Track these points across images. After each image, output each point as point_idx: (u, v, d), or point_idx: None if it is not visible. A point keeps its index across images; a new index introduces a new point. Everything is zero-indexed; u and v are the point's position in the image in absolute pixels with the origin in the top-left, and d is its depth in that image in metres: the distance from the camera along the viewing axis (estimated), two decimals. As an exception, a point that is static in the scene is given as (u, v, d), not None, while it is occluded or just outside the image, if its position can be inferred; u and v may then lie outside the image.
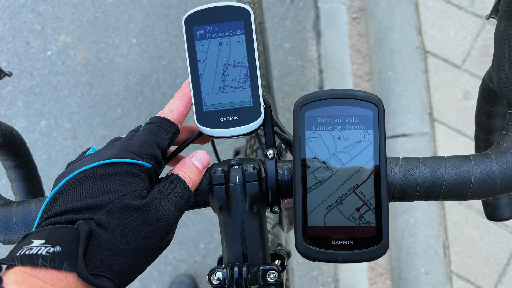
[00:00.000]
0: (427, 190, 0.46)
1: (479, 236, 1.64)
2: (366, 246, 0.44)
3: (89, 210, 0.40)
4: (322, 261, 0.44)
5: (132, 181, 0.42)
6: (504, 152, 0.47)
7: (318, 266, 1.71)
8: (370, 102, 0.45)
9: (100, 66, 1.89)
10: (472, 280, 1.60)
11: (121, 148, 0.45)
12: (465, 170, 0.46)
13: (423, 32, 1.86)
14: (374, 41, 1.90)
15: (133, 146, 0.45)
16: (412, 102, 1.78)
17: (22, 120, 1.85)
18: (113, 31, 1.93)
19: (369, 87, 1.88)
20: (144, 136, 0.46)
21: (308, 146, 0.45)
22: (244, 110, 0.49)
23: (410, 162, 0.47)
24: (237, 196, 0.47)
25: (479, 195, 0.46)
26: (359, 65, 1.92)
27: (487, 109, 0.60)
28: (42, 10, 1.96)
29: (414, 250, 1.66)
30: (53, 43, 1.92)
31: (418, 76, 1.81)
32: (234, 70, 0.50)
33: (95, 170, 0.43)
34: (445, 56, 1.83)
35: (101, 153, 0.45)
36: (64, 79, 1.88)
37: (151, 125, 0.48)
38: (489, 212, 0.65)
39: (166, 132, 0.48)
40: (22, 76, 1.89)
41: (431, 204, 1.68)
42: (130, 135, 0.48)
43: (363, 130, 0.45)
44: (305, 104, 0.46)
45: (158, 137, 0.47)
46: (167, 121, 0.49)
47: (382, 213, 0.44)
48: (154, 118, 0.49)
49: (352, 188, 0.44)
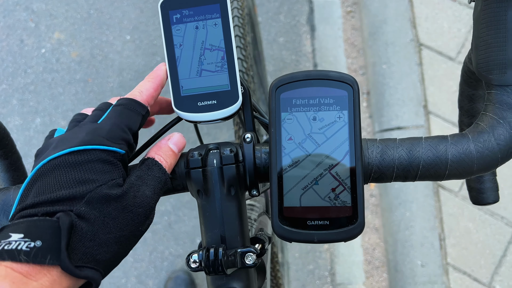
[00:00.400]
0: (404, 171, 0.46)
1: (475, 228, 1.64)
2: (342, 226, 0.43)
3: (66, 201, 0.39)
4: (298, 242, 0.44)
5: (108, 169, 0.42)
6: (481, 131, 0.46)
7: (315, 260, 1.71)
8: (344, 83, 0.45)
9: (95, 63, 1.89)
10: (468, 272, 1.60)
11: (91, 132, 0.43)
12: (442, 150, 0.46)
13: (417, 25, 1.85)
14: (368, 35, 1.89)
15: (104, 130, 0.44)
16: (406, 95, 1.78)
17: (17, 118, 1.85)
18: (107, 28, 1.93)
19: (364, 81, 1.88)
20: (114, 119, 0.45)
21: (283, 128, 0.45)
22: (221, 94, 0.49)
23: (387, 143, 0.47)
24: (214, 180, 0.47)
25: (456, 175, 0.46)
26: (353, 58, 1.91)
27: (469, 92, 0.60)
28: (36, 8, 1.96)
29: (410, 242, 1.66)
30: (47, 41, 1.92)
31: (412, 69, 1.81)
32: (211, 54, 0.50)
33: (67, 158, 0.41)
34: (440, 48, 1.82)
35: (70, 138, 0.43)
36: (59, 76, 1.88)
37: (121, 107, 0.46)
38: (474, 197, 0.65)
39: (136, 114, 0.47)
40: (16, 74, 1.89)
41: (427, 197, 1.68)
42: (95, 115, 0.47)
43: (338, 110, 0.45)
44: (280, 86, 0.46)
45: (128, 120, 0.46)
46: (137, 103, 0.47)
47: (357, 192, 0.44)
48: (123, 100, 0.47)
49: (327, 168, 0.44)
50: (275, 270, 0.95)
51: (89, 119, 0.46)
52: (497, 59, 0.46)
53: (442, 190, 1.68)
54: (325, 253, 1.72)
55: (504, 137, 0.46)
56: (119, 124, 0.45)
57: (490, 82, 0.47)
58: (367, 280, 1.69)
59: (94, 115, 0.47)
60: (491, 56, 0.47)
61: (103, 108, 0.48)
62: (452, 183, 1.68)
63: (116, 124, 0.44)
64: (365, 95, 1.87)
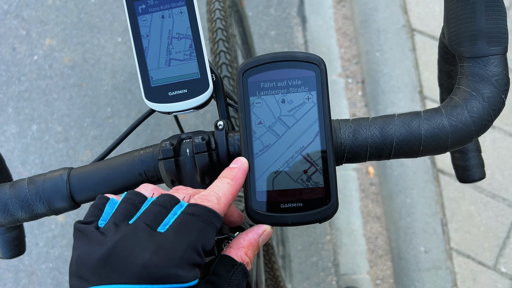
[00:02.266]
0: (378, 149, 0.46)
1: (477, 211, 1.63)
2: (315, 207, 0.43)
3: None
4: (273, 225, 0.43)
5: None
6: (454, 105, 0.46)
7: (317, 251, 1.71)
8: (311, 63, 0.44)
9: (87, 67, 1.89)
10: (472, 256, 1.59)
11: (157, 252, 0.33)
12: (415, 126, 0.45)
13: (409, 10, 1.84)
14: (360, 23, 1.88)
15: (174, 250, 0.33)
16: (401, 81, 1.77)
17: (13, 126, 1.85)
18: (98, 31, 1.93)
19: (358, 69, 1.87)
20: (186, 234, 0.34)
21: (253, 112, 0.45)
22: (192, 83, 0.49)
23: (359, 123, 0.47)
24: (188, 169, 0.47)
25: (431, 151, 0.46)
26: (346, 48, 1.90)
27: (447, 68, 0.59)
28: (26, 15, 1.96)
29: (412, 229, 1.65)
30: (39, 47, 1.92)
31: (406, 55, 1.80)
32: (178, 43, 0.49)
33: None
34: (432, 33, 1.81)
35: (126, 257, 0.32)
36: (53, 82, 1.89)
37: (194, 218, 0.36)
38: (460, 175, 0.65)
39: (212, 229, 0.36)
40: (10, 82, 1.90)
41: (427, 182, 1.67)
42: (157, 214, 0.36)
43: (306, 91, 0.44)
44: (247, 70, 0.45)
45: (204, 237, 0.35)
46: (214, 215, 0.37)
47: (329, 173, 0.43)
48: (196, 208, 0.37)
49: (298, 150, 0.44)
50: (271, 262, 0.94)
51: (148, 219, 0.36)
52: (467, 31, 0.46)
53: (442, 175, 1.67)
54: (328, 244, 1.71)
55: (478, 109, 0.45)
56: (194, 243, 0.34)
57: (461, 54, 0.47)
58: (371, 269, 1.68)
59: (154, 214, 0.36)
60: (461, 29, 0.46)
61: (166, 205, 0.37)
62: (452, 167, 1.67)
63: (190, 243, 0.34)
64: (360, 84, 1.86)
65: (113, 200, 0.39)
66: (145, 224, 0.35)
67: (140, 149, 0.50)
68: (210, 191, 0.40)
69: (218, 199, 0.39)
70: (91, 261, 0.33)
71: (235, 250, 0.40)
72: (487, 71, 0.45)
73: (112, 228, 0.35)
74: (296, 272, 1.68)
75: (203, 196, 0.39)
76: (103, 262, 0.32)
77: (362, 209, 1.74)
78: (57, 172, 0.51)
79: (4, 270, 1.73)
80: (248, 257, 0.40)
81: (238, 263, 0.38)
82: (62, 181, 0.50)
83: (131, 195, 0.39)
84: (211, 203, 0.38)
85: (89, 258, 0.33)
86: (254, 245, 0.41)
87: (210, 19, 0.88)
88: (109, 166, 0.50)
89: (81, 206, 0.51)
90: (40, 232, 1.74)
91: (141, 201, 0.38)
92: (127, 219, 0.36)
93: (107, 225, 0.36)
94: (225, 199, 0.39)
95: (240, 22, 1.42)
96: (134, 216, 0.37)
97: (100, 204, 0.39)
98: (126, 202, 0.38)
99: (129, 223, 0.36)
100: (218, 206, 0.38)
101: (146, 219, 0.36)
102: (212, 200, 0.38)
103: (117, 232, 0.35)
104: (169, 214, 0.36)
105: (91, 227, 0.36)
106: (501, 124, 1.69)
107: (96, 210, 0.38)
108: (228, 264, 0.38)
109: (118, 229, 0.35)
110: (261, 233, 0.42)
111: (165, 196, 0.38)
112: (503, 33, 0.45)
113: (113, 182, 0.49)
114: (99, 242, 0.34)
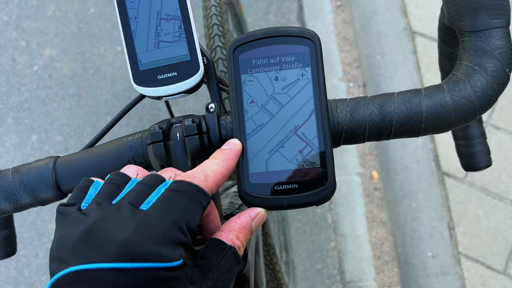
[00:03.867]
0: (377, 128, 0.43)
1: (485, 214, 1.60)
2: (312, 189, 0.41)
3: None
4: (267, 208, 0.41)
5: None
6: (457, 81, 0.44)
7: (322, 258, 1.67)
8: (305, 38, 0.42)
9: (87, 76, 1.89)
10: (481, 260, 1.55)
11: (139, 229, 0.31)
12: (415, 103, 0.43)
13: (409, 13, 1.83)
14: (360, 27, 1.87)
15: (157, 228, 0.31)
16: (403, 84, 1.75)
17: (13, 136, 1.84)
18: (97, 41, 1.93)
19: (359, 73, 1.85)
20: (170, 211, 0.32)
21: (244, 91, 0.43)
22: (181, 65, 0.47)
23: (357, 101, 0.44)
24: (178, 153, 0.45)
25: (434, 129, 0.43)
26: (347, 52, 1.89)
27: (448, 50, 0.57)
28: (26, 26, 1.97)
29: (418, 234, 1.61)
30: (39, 58, 1.92)
31: (407, 58, 1.78)
32: (167, 24, 0.47)
33: (101, 275, 0.29)
34: (433, 35, 1.79)
35: (107, 233, 0.30)
36: (52, 92, 1.88)
37: (178, 194, 0.34)
38: (465, 162, 0.62)
39: (198, 206, 0.34)
40: (10, 93, 1.89)
41: (432, 186, 1.64)
42: (140, 192, 0.34)
43: (300, 68, 0.42)
44: (238, 46, 0.43)
45: (188, 213, 0.33)
46: (200, 192, 0.35)
47: (325, 152, 0.41)
48: (181, 184, 0.34)
49: (293, 129, 0.42)
50: (272, 263, 0.92)
51: (131, 198, 0.34)
52: (467, 4, 0.44)
53: (448, 178, 1.64)
54: (332, 251, 1.67)
55: (481, 83, 0.43)
56: (177, 220, 0.32)
57: (462, 29, 0.45)
58: (378, 276, 1.65)
59: (138, 192, 0.34)
60: (461, 2, 0.44)
61: (151, 184, 0.35)
62: (457, 170, 1.64)
63: (173, 220, 0.32)
64: (361, 87, 1.84)
65: (98, 182, 0.37)
66: (128, 203, 0.33)
67: (128, 135, 0.48)
68: (198, 169, 0.38)
69: (206, 177, 0.36)
70: (71, 241, 0.31)
71: (225, 233, 0.37)
72: (489, 44, 0.43)
73: (94, 208, 0.34)
74: (300, 280, 1.65)
75: (189, 173, 0.37)
76: (82, 241, 0.31)
77: (367, 214, 1.70)
78: (43, 161, 0.49)
79: (4, 282, 1.70)
80: (240, 241, 0.37)
81: (228, 246, 0.36)
82: (48, 169, 0.48)
83: (114, 176, 0.37)
84: (197, 180, 0.36)
85: (69, 238, 0.31)
86: (246, 228, 0.39)
87: (206, 16, 0.87)
88: (97, 153, 0.48)
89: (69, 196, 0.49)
90: (40, 243, 1.72)
91: (125, 182, 0.36)
92: (110, 199, 0.35)
93: (89, 206, 0.34)
94: (214, 178, 0.37)
95: (239, 26, 1.42)
96: (118, 196, 0.35)
97: (84, 186, 0.37)
98: (109, 182, 0.36)
99: (112, 203, 0.34)
100: (205, 183, 0.36)
101: (129, 197, 0.34)
102: (199, 177, 0.36)
103: (99, 212, 0.33)
104: (153, 192, 0.35)
105: (73, 209, 0.34)
106: (506, 125, 1.66)
107: (80, 193, 0.36)
108: (218, 247, 0.36)
109: (100, 208, 0.33)
110: (254, 216, 0.40)
111: (150, 176, 0.37)
112: (505, 5, 0.43)
113: (101, 170, 0.47)
114: (79, 222, 0.32)
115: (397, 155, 1.69)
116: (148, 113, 1.79)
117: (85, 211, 0.34)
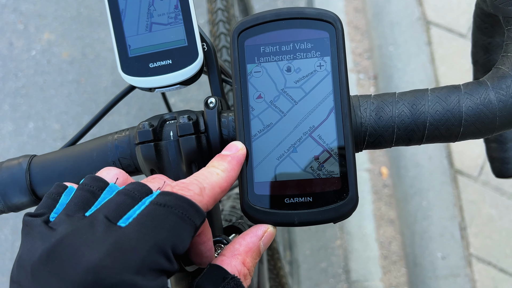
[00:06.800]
0: (407, 131, 0.36)
1: (498, 214, 1.54)
2: (329, 203, 0.34)
3: None
4: (275, 225, 0.34)
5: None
6: (502, 76, 0.36)
7: (327, 257, 1.61)
8: (324, 21, 0.35)
9: (87, 62, 1.83)
10: (493, 262, 1.50)
11: (112, 253, 0.25)
12: (453, 103, 0.36)
13: (424, 2, 1.75)
14: (372, 16, 1.79)
15: (135, 252, 0.25)
16: (416, 77, 1.67)
17: (10, 123, 1.79)
18: (98, 25, 1.86)
19: (370, 64, 1.78)
20: (153, 232, 0.26)
21: (250, 83, 0.36)
22: (177, 52, 0.40)
23: (384, 98, 0.37)
24: (171, 156, 0.38)
25: (473, 133, 0.36)
26: (358, 42, 1.81)
27: (484, 41, 0.50)
28: (24, 9, 1.90)
29: (428, 234, 1.56)
30: (37, 42, 1.86)
31: (421, 49, 1.70)
32: (161, 3, 0.40)
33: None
34: (449, 25, 1.72)
35: (72, 254, 0.25)
36: (50, 78, 1.82)
37: (165, 210, 0.27)
38: (497, 168, 0.55)
39: (190, 226, 0.28)
40: (7, 78, 1.83)
41: (444, 184, 1.58)
42: (120, 204, 0.28)
43: (318, 57, 0.35)
44: (244, 30, 0.36)
45: (176, 235, 0.27)
46: (193, 208, 0.28)
47: (346, 159, 0.34)
48: (169, 197, 0.28)
49: (307, 131, 0.35)
50: (276, 268, 0.85)
51: (108, 210, 0.28)
52: (518, -16, 0.36)
53: (460, 176, 1.57)
54: (338, 249, 1.62)
55: (535, 80, 0.36)
56: (161, 242, 0.26)
57: (509, 15, 0.37)
58: (384, 276, 1.59)
59: (117, 204, 0.28)
60: None
61: (133, 195, 0.29)
62: (471, 167, 1.58)
63: (156, 242, 0.26)
64: (372, 79, 1.77)
65: (72, 188, 0.31)
66: (104, 217, 0.27)
67: (114, 133, 0.41)
68: (192, 179, 0.31)
69: (201, 190, 0.30)
70: (30, 262, 0.25)
71: (228, 258, 0.31)
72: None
73: (62, 220, 0.27)
74: (304, 278, 1.59)
75: (181, 184, 0.30)
76: (42, 263, 0.25)
77: (375, 212, 1.64)
78: (16, 160, 0.42)
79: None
80: (247, 267, 0.31)
81: (231, 276, 0.29)
82: (21, 170, 0.41)
83: (88, 181, 0.30)
84: (191, 193, 0.29)
85: (29, 258, 0.26)
86: (254, 251, 0.32)
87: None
88: (77, 153, 0.41)
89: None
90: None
91: (101, 188, 0.30)
92: (83, 209, 0.29)
93: (58, 218, 0.28)
94: (211, 192, 0.31)
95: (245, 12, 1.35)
96: (92, 206, 0.29)
97: (55, 193, 0.30)
98: (82, 189, 0.30)
99: (85, 215, 0.28)
100: (200, 198, 0.30)
101: (106, 210, 0.28)
102: (193, 189, 0.30)
103: (67, 226, 0.27)
104: (135, 206, 0.28)
105: (39, 220, 0.28)
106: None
107: (50, 201, 0.30)
108: (218, 277, 0.29)
109: (70, 221, 0.27)
110: (261, 235, 0.33)
111: (134, 184, 0.30)
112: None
113: (81, 172, 0.40)
114: (43, 238, 0.26)
115: (408, 151, 1.62)
116: (150, 101, 1.73)
117: (52, 224, 0.28)
